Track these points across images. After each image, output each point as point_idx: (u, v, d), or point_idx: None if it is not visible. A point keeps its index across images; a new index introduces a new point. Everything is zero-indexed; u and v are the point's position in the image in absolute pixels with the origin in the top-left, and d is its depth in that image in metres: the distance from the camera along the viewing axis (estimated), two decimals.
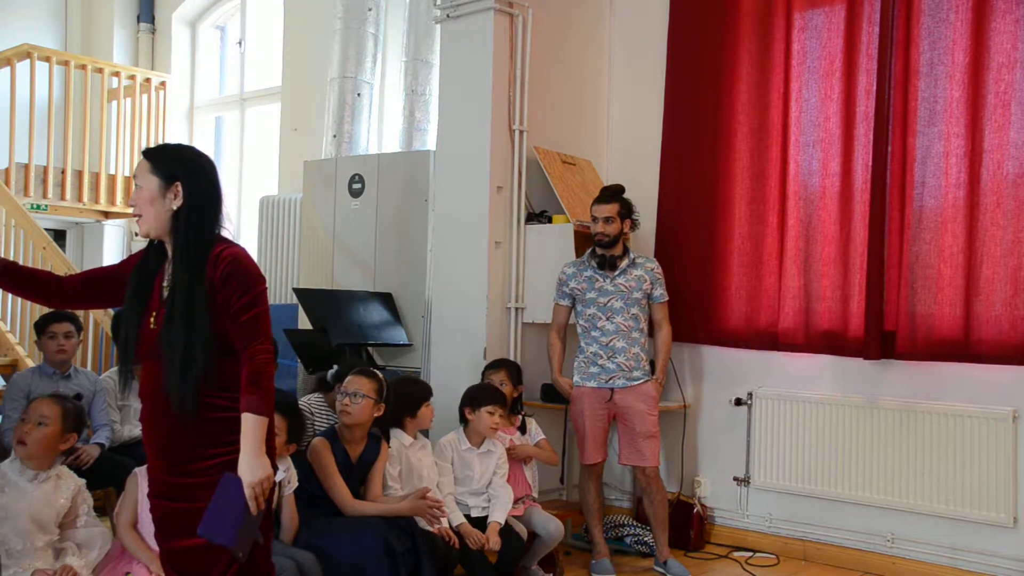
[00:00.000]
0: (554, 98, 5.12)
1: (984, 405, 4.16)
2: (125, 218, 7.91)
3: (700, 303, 4.93)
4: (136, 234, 8.19)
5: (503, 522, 3.93)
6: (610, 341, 4.36)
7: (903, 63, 4.34)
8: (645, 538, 4.67)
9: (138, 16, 8.44)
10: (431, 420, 3.98)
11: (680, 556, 4.56)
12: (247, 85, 7.96)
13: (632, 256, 4.47)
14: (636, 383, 4.36)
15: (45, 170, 7.18)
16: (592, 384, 4.39)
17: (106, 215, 7.81)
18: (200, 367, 2.29)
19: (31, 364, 5.39)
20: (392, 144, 6.38)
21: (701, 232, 4.97)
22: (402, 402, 3.83)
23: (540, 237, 4.88)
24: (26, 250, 6.06)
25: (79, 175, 7.42)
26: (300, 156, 6.41)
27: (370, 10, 6.20)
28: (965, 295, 4.17)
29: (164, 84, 8.06)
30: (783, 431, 4.72)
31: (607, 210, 4.35)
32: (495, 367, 4.40)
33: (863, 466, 4.48)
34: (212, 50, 8.43)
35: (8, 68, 6.98)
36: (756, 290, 4.79)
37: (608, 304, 4.38)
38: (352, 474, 3.61)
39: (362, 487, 3.66)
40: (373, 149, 6.35)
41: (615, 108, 5.46)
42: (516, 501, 4.24)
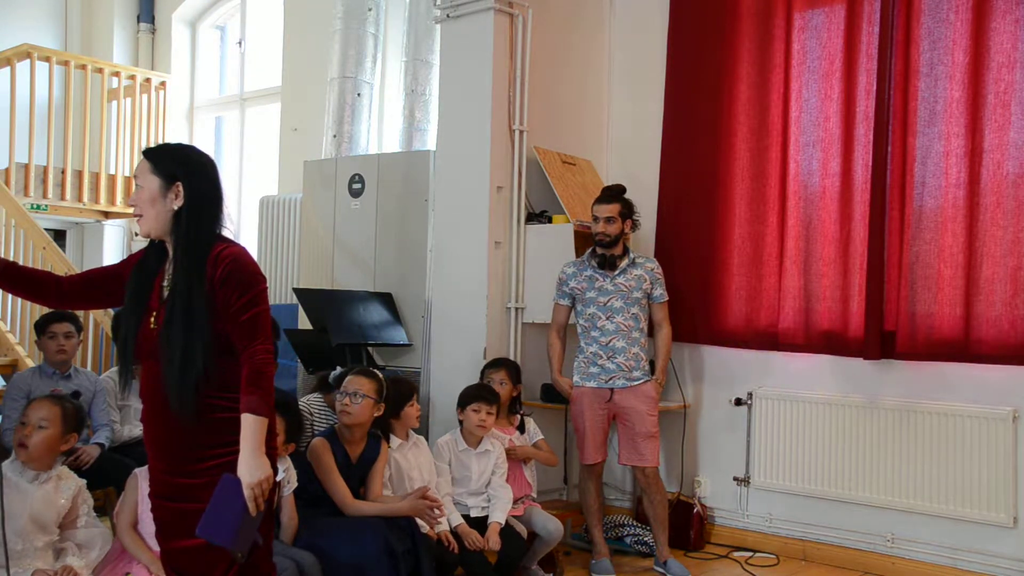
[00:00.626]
0: (554, 98, 5.12)
1: (984, 405, 4.16)
2: (125, 218, 7.91)
3: (700, 303, 4.93)
4: (136, 234, 8.19)
5: (503, 522, 3.93)
6: (610, 341, 4.36)
7: (903, 63, 4.34)
8: (645, 538, 4.67)
9: (138, 16, 8.43)
10: (417, 418, 3.97)
11: (680, 556, 4.56)
12: (247, 85, 7.96)
13: (632, 256, 4.46)
14: (636, 383, 4.36)
15: (45, 170, 7.18)
16: (592, 384, 4.39)
17: (106, 215, 7.81)
18: (200, 367, 2.28)
19: (31, 364, 5.39)
20: (392, 144, 6.38)
21: (701, 232, 4.97)
22: (393, 401, 3.81)
23: (540, 237, 4.88)
24: (26, 250, 6.06)
25: (79, 175, 7.42)
26: (300, 156, 6.40)
27: (370, 10, 6.20)
28: (965, 295, 4.17)
29: (164, 84, 8.06)
30: (783, 431, 4.72)
31: (608, 210, 4.35)
32: (495, 366, 4.40)
33: (863, 466, 4.48)
34: (212, 50, 8.43)
35: (8, 68, 6.97)
36: (756, 290, 4.79)
37: (608, 304, 4.38)
38: (352, 474, 3.61)
39: (362, 487, 3.66)
40: (373, 149, 6.35)
41: (615, 108, 5.46)
42: (516, 501, 4.24)
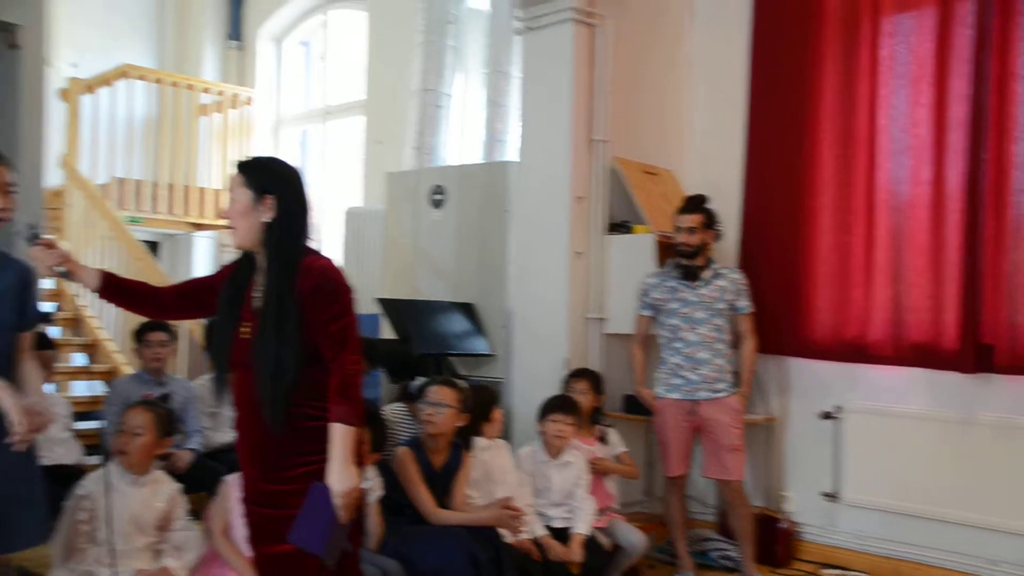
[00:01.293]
0: (635, 108, 5.09)
1: None
2: (214, 230, 8.14)
3: (785, 314, 4.83)
4: (225, 245, 8.42)
5: (586, 534, 3.91)
6: (693, 352, 4.31)
7: (1000, 66, 4.18)
8: (730, 552, 4.59)
9: (227, 34, 8.69)
10: (500, 423, 3.99)
11: (766, 572, 4.47)
12: (331, 99, 8.13)
13: (715, 267, 4.41)
14: (720, 395, 4.30)
15: (141, 184, 7.43)
16: (675, 396, 4.34)
17: (196, 227, 8.04)
18: (290, 376, 2.33)
19: (129, 371, 5.58)
20: (473, 155, 6.43)
21: (786, 242, 4.87)
22: (477, 410, 3.85)
23: (621, 247, 4.85)
24: (123, 261, 6.29)
25: (171, 188, 7.66)
26: (383, 168, 6.50)
27: (451, 23, 6.27)
28: None
29: (251, 99, 8.28)
30: (873, 446, 4.58)
31: (691, 220, 4.31)
32: (577, 376, 4.40)
33: (962, 484, 4.30)
34: (297, 65, 8.63)
35: (108, 88, 7.25)
36: (843, 301, 4.67)
37: (691, 315, 4.33)
38: (435, 483, 3.65)
39: (445, 496, 3.69)
40: (454, 161, 6.41)
41: (697, 117, 5.39)
42: (598, 512, 4.22)
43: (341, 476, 2.31)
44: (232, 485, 3.22)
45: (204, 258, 8.41)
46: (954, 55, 4.36)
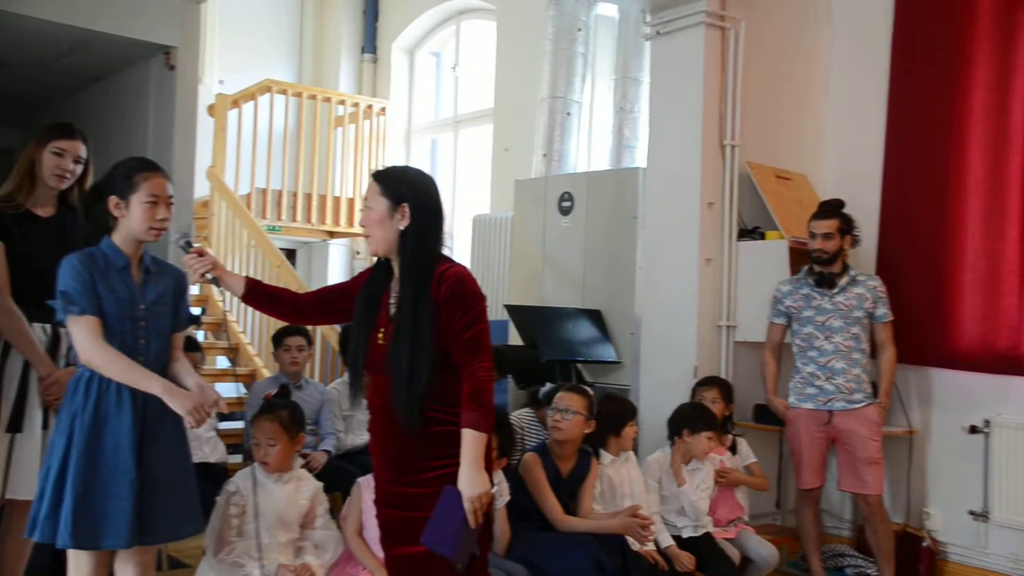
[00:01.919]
0: (768, 112, 4.98)
1: None
2: (348, 237, 8.41)
3: (928, 323, 4.61)
4: (358, 252, 8.68)
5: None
6: (828, 362, 4.18)
7: None
8: (868, 570, 4.42)
9: (362, 47, 8.97)
10: (633, 439, 3.95)
11: None
12: (460, 108, 8.27)
13: (852, 273, 4.27)
14: (857, 406, 4.16)
15: (280, 194, 7.75)
16: (809, 405, 4.22)
17: (331, 235, 8.31)
18: (424, 382, 2.37)
19: (268, 374, 5.81)
20: (601, 162, 6.42)
21: (928, 248, 4.66)
22: (606, 420, 3.82)
23: (753, 254, 4.76)
24: (263, 268, 6.57)
25: (308, 198, 7.95)
26: (511, 175, 6.57)
27: (579, 30, 6.28)
28: None
29: (384, 110, 8.51)
30: None
31: (826, 226, 4.18)
32: (707, 384, 4.34)
33: None
34: (428, 75, 8.83)
35: (252, 103, 7.60)
36: (993, 309, 4.43)
37: (826, 323, 4.20)
38: (562, 489, 3.65)
39: (572, 503, 3.69)
40: (582, 167, 6.42)
41: (833, 120, 5.22)
42: (728, 523, 4.16)
43: (472, 480, 2.34)
44: (364, 486, 3.31)
45: (338, 265, 8.69)
46: None
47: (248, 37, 8.62)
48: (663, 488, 4.00)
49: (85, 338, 2.49)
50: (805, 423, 4.23)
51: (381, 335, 2.48)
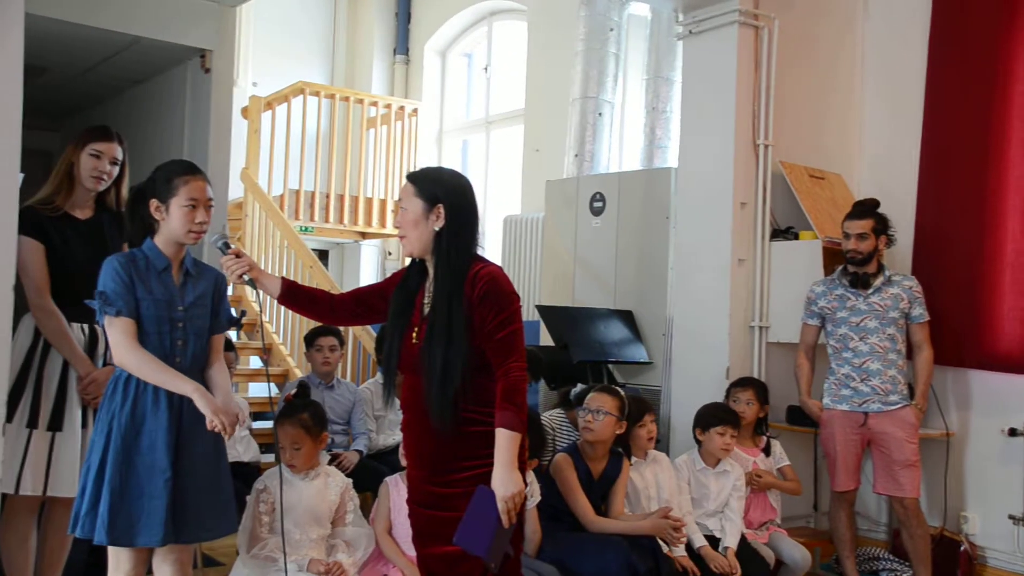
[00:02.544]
0: (801, 110, 4.94)
1: None
2: (380, 238, 8.44)
3: (965, 324, 4.55)
4: (389, 253, 8.72)
5: (735, 547, 3.82)
6: (863, 363, 4.14)
7: None
8: (904, 574, 4.37)
9: (394, 49, 9.01)
10: (649, 439, 3.91)
11: None
12: (492, 108, 8.28)
13: (888, 274, 4.22)
14: (893, 408, 4.11)
15: (312, 195, 7.80)
16: (844, 407, 4.18)
17: (363, 235, 8.35)
18: (457, 382, 2.38)
19: (300, 374, 5.86)
20: (633, 162, 6.40)
21: (966, 248, 4.60)
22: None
23: (786, 254, 4.72)
24: (295, 269, 6.62)
25: (340, 199, 7.99)
26: (542, 176, 6.56)
27: (611, 30, 6.27)
28: None
29: (416, 111, 8.54)
30: None
31: (861, 226, 4.14)
32: (742, 385, 4.31)
33: None
34: (460, 76, 8.85)
35: (285, 104, 7.66)
36: None
37: (861, 324, 4.16)
38: (594, 490, 3.64)
39: (603, 504, 3.68)
40: (614, 168, 6.40)
41: (867, 118, 5.17)
42: (760, 526, 4.13)
43: (506, 480, 2.35)
44: (392, 485, 3.34)
45: (370, 265, 8.73)
46: None
47: (281, 39, 8.70)
48: (693, 490, 3.98)
49: (120, 340, 2.53)
50: (840, 424, 4.19)
51: (415, 335, 2.50)
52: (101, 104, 6.44)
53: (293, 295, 2.71)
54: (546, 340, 5.35)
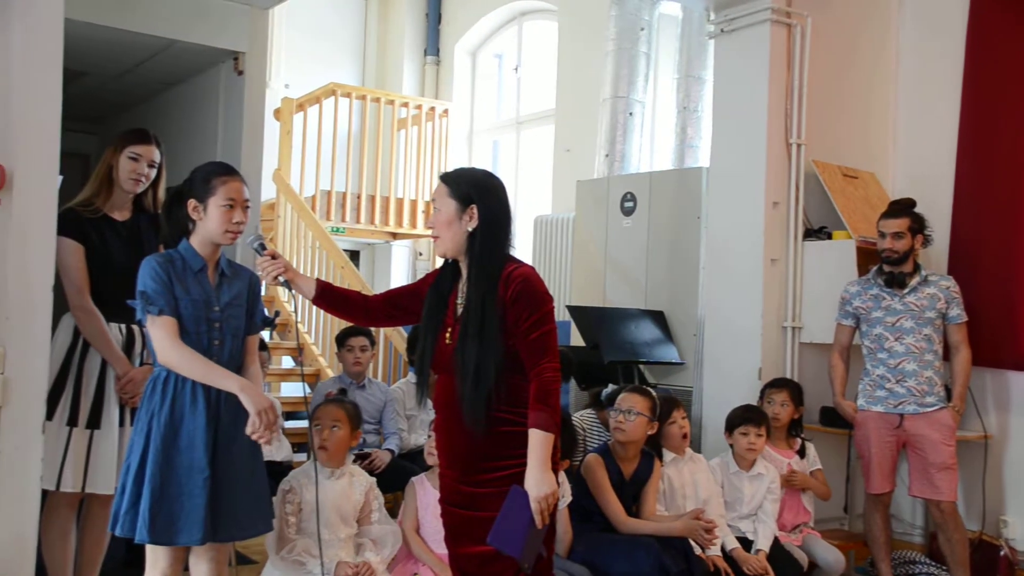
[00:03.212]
0: (835, 109, 4.89)
1: None
2: (411, 238, 8.48)
3: (1004, 325, 4.49)
4: (420, 253, 8.76)
5: (767, 550, 3.79)
6: (899, 364, 4.10)
7: None
8: None
9: (425, 49, 9.05)
10: (681, 439, 3.90)
11: None
12: (522, 108, 8.29)
13: (924, 273, 4.17)
14: (929, 409, 4.06)
15: (344, 196, 7.85)
16: (879, 408, 4.14)
17: (394, 236, 8.39)
18: (491, 382, 2.38)
19: (331, 374, 5.90)
20: (664, 162, 6.38)
21: (1003, 247, 4.54)
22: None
23: (819, 254, 4.68)
24: (327, 269, 6.66)
25: (372, 200, 8.04)
26: (573, 176, 6.56)
27: (642, 30, 6.25)
28: None
29: (447, 111, 8.56)
30: None
31: (896, 225, 4.10)
32: (776, 386, 4.28)
33: None
34: (490, 76, 8.86)
35: (317, 106, 7.72)
36: None
37: (897, 324, 4.12)
38: (625, 491, 3.64)
39: (635, 504, 3.67)
40: (645, 167, 6.38)
41: (903, 116, 5.12)
42: (793, 528, 4.11)
43: (539, 480, 2.35)
44: (418, 484, 3.35)
45: (401, 266, 8.77)
46: None
47: (313, 41, 8.76)
48: (726, 492, 3.96)
49: (163, 338, 2.55)
50: (875, 426, 4.15)
51: (448, 335, 2.50)
52: (137, 106, 6.52)
53: (328, 296, 2.73)
54: (577, 340, 5.34)
